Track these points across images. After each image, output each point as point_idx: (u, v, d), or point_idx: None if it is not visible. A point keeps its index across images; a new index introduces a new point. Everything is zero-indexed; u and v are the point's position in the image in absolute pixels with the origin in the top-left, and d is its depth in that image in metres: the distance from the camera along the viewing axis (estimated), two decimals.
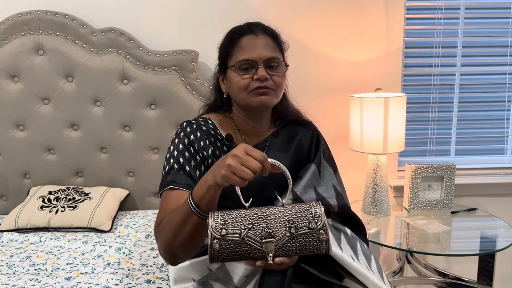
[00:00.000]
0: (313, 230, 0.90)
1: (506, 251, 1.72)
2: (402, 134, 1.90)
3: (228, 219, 0.91)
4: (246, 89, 1.14)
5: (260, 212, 0.92)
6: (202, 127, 1.19)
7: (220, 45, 1.22)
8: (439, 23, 2.16)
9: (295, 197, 1.18)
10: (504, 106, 2.27)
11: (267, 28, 1.19)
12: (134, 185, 2.03)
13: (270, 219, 0.91)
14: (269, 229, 0.90)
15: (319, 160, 1.26)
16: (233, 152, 0.89)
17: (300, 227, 0.90)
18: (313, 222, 0.90)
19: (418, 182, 2.01)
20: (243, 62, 1.13)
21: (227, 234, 0.89)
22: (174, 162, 1.14)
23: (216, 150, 1.17)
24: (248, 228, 0.90)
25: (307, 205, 0.93)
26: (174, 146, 1.16)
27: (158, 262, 1.52)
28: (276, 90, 1.16)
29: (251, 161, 0.88)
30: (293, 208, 0.93)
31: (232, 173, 0.88)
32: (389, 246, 1.72)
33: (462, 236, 1.84)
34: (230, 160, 0.88)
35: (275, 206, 0.94)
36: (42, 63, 1.94)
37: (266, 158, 0.90)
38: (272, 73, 1.14)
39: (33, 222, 1.75)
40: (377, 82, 2.06)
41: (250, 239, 0.89)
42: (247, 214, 0.91)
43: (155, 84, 1.96)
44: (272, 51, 1.15)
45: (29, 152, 1.99)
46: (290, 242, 0.90)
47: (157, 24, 2.02)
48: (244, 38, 1.15)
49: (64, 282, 1.34)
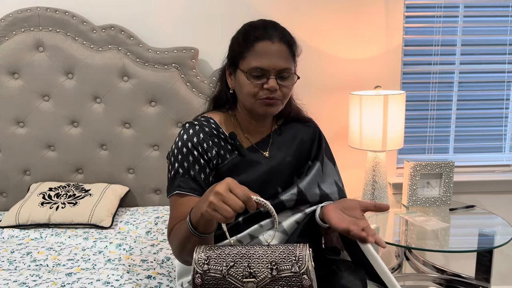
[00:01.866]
0: (295, 274, 0.87)
1: (504, 247, 1.73)
2: (401, 132, 1.91)
3: (211, 255, 0.89)
4: (255, 96, 1.13)
5: (244, 250, 0.90)
6: (205, 127, 1.18)
7: (233, 39, 1.19)
8: (439, 21, 2.16)
9: (299, 192, 1.18)
10: (502, 104, 2.28)
11: (284, 33, 1.15)
12: (134, 182, 2.04)
13: (253, 259, 0.89)
14: (250, 269, 0.88)
15: (322, 158, 1.27)
16: (216, 188, 0.88)
17: (283, 269, 0.87)
18: (296, 265, 0.87)
19: (417, 180, 2.03)
20: (255, 69, 1.11)
21: (209, 270, 0.88)
22: (179, 167, 1.14)
23: (221, 150, 1.17)
24: (230, 266, 0.88)
25: (293, 247, 0.90)
26: (178, 149, 1.15)
27: (158, 258, 1.52)
28: (282, 100, 1.16)
29: (233, 199, 0.87)
30: (278, 249, 0.90)
31: (213, 210, 0.87)
32: (388, 242, 1.73)
33: (460, 233, 1.85)
34: (212, 197, 0.87)
35: (260, 245, 0.92)
36: (42, 59, 1.94)
37: (250, 198, 0.88)
38: (282, 84, 1.13)
39: (34, 218, 1.76)
40: (376, 80, 2.07)
41: (231, 277, 0.88)
42: (231, 251, 0.90)
43: (155, 81, 1.96)
44: (286, 61, 1.13)
45: (29, 148, 1.99)
46: (272, 284, 0.88)
47: (157, 21, 2.02)
48: (260, 43, 1.11)
49: (65, 278, 1.35)
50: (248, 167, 1.18)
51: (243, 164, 1.18)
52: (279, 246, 0.91)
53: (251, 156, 1.20)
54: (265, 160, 1.21)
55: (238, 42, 1.16)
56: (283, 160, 1.22)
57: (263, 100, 1.13)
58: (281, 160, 1.22)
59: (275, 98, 1.13)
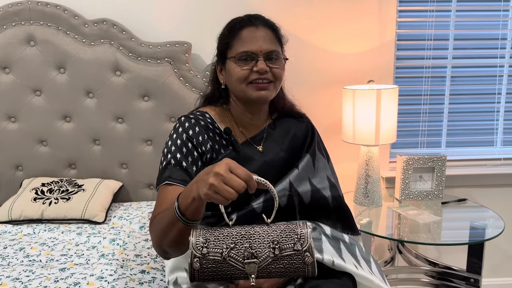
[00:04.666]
0: (298, 252, 0.87)
1: (495, 240, 1.75)
2: (394, 126, 1.92)
3: (210, 238, 0.87)
4: (245, 80, 1.14)
5: (244, 231, 0.88)
6: (200, 121, 1.18)
7: (219, 36, 1.22)
8: (431, 15, 2.17)
9: (291, 187, 1.19)
10: (494, 98, 2.29)
11: (267, 20, 1.19)
12: (128, 177, 2.03)
13: (253, 239, 0.87)
14: (252, 249, 0.86)
15: (313, 151, 1.28)
16: (216, 169, 0.84)
17: (285, 248, 0.87)
18: (299, 243, 0.87)
19: (410, 173, 2.04)
20: (243, 54, 1.13)
21: (208, 253, 0.86)
22: (171, 158, 1.13)
23: (215, 144, 1.17)
24: (230, 248, 0.86)
25: (293, 225, 0.89)
26: (172, 141, 1.15)
27: (152, 252, 1.52)
28: (275, 82, 1.17)
29: (235, 180, 0.84)
30: (278, 228, 0.89)
31: (214, 192, 0.84)
32: (380, 236, 1.74)
33: (452, 226, 1.87)
34: (212, 178, 0.84)
35: (260, 225, 0.90)
36: (34, 54, 1.92)
37: (251, 177, 0.86)
38: (272, 66, 1.15)
39: (27, 214, 1.75)
40: (369, 74, 2.08)
41: (232, 259, 0.86)
42: (230, 233, 0.87)
43: (148, 76, 1.95)
44: (272, 44, 1.16)
45: (21, 144, 1.98)
46: (274, 264, 0.86)
47: (150, 15, 2.01)
48: (245, 30, 1.15)
49: (59, 273, 1.35)
50: (242, 163, 1.17)
51: (237, 159, 1.17)
52: (279, 225, 0.90)
53: (245, 151, 1.20)
54: (259, 154, 1.21)
55: (225, 35, 1.19)
56: (277, 155, 1.23)
57: (254, 84, 1.14)
58: (275, 155, 1.23)
59: (267, 79, 1.14)
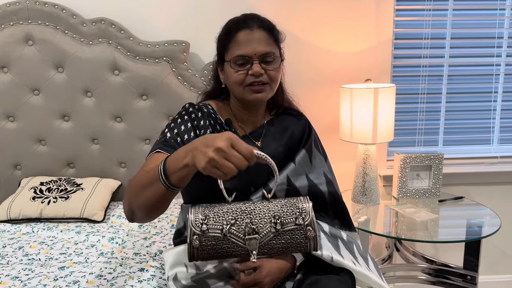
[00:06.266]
0: (300, 226, 0.84)
1: (492, 237, 1.76)
2: (391, 125, 1.93)
3: (209, 214, 0.84)
4: (242, 83, 1.16)
5: (244, 206, 0.85)
6: (204, 109, 1.22)
7: (217, 37, 1.23)
8: (428, 14, 2.18)
9: (288, 182, 1.20)
10: (491, 97, 2.30)
11: (263, 21, 1.19)
12: (126, 176, 2.04)
13: (254, 214, 0.84)
14: (253, 225, 0.83)
15: (309, 147, 1.29)
16: (218, 143, 0.81)
17: (286, 223, 0.84)
18: (300, 217, 0.85)
19: (407, 172, 2.05)
20: (238, 58, 1.14)
21: (207, 230, 0.83)
22: (168, 131, 1.16)
23: (215, 132, 1.19)
24: (231, 224, 0.83)
25: (294, 200, 0.87)
26: (173, 120, 1.19)
27: (151, 251, 1.53)
28: (271, 84, 1.18)
29: (237, 157, 0.81)
30: (279, 203, 0.86)
31: (214, 167, 0.81)
32: (378, 234, 1.75)
33: (449, 224, 1.88)
34: (213, 153, 0.80)
35: (260, 201, 0.87)
36: (32, 53, 1.92)
37: (253, 154, 0.83)
38: (267, 68, 1.16)
39: (25, 213, 1.76)
40: (367, 73, 2.09)
41: (233, 235, 0.83)
42: (230, 209, 0.85)
43: (146, 75, 1.95)
44: (267, 45, 1.16)
45: (19, 143, 1.98)
46: (276, 239, 0.84)
47: (148, 14, 2.01)
48: (240, 33, 1.16)
49: (58, 272, 1.35)
50: None
51: None
52: (280, 200, 0.87)
53: None
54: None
55: (222, 37, 1.21)
56: (275, 151, 1.24)
57: (251, 87, 1.15)
58: (273, 151, 1.24)
59: (262, 81, 1.15)
